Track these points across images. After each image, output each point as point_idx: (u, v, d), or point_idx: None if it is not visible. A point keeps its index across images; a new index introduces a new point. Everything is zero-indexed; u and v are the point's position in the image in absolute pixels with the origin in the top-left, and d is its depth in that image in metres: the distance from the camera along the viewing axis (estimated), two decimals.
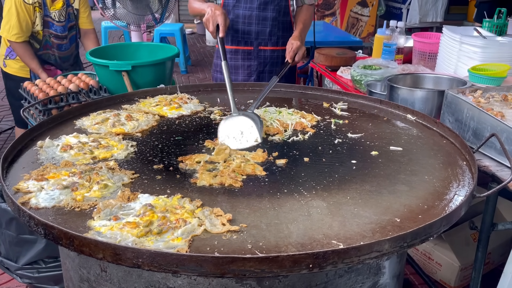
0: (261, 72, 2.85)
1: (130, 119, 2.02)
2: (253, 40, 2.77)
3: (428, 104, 2.28)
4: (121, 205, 1.31)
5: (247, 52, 2.81)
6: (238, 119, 1.81)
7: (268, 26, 2.75)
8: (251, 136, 1.73)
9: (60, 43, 3.67)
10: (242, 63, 2.83)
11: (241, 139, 1.72)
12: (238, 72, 2.85)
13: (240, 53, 2.81)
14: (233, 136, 1.73)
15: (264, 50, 2.81)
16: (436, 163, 1.65)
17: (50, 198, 1.35)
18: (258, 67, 2.83)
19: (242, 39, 2.77)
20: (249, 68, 2.84)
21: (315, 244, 1.15)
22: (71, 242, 1.12)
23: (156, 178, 1.52)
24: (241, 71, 2.85)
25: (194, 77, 7.41)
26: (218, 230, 1.19)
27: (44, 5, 3.40)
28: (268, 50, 2.81)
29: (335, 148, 1.80)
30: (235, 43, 2.79)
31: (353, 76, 2.99)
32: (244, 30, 2.75)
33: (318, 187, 1.47)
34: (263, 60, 2.82)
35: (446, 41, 2.96)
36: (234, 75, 2.85)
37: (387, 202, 1.38)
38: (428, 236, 1.18)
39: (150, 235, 1.16)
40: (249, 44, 2.78)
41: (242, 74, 2.85)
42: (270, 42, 2.81)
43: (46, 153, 1.69)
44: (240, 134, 1.73)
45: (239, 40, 2.78)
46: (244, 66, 2.84)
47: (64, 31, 3.64)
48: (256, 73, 2.84)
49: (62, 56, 3.76)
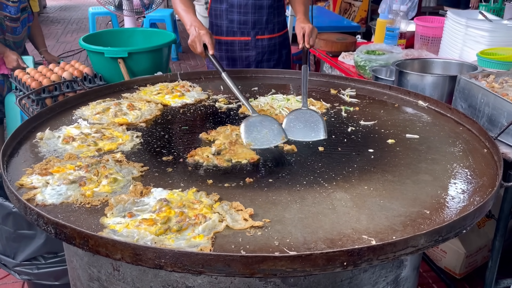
0: (259, 62, 2.74)
1: (132, 108, 1.93)
2: (250, 30, 2.65)
3: (439, 90, 2.23)
4: (134, 201, 1.23)
5: (244, 43, 2.69)
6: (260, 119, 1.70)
7: (265, 14, 2.63)
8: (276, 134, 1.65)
9: (15, 26, 3.36)
10: (240, 54, 2.71)
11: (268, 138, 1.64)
12: (236, 64, 2.73)
13: (236, 45, 2.68)
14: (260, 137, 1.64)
15: (261, 40, 2.69)
16: (456, 151, 1.59)
17: (57, 194, 1.26)
18: (256, 57, 2.72)
19: (238, 29, 2.64)
20: (247, 59, 2.72)
21: (345, 240, 1.09)
22: (85, 242, 1.04)
23: (167, 171, 1.44)
24: (239, 62, 2.73)
25: (185, 64, 7.26)
26: (241, 226, 1.12)
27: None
28: (266, 38, 2.70)
29: (349, 137, 1.73)
30: (231, 34, 2.66)
31: (357, 61, 2.92)
32: (240, 20, 2.63)
33: (338, 178, 1.41)
34: (261, 49, 2.71)
35: (450, 25, 2.90)
36: (231, 67, 2.73)
37: (412, 193, 1.32)
38: (463, 229, 1.13)
39: (169, 233, 1.09)
40: (246, 34, 2.66)
41: (240, 66, 2.73)
42: (267, 30, 2.69)
43: (47, 145, 1.59)
44: (266, 134, 1.65)
45: (235, 31, 2.65)
46: (242, 58, 2.72)
47: (17, 12, 3.33)
48: (255, 63, 2.73)
49: (16, 41, 3.45)
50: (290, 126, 1.74)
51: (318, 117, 1.76)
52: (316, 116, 1.77)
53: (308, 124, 1.74)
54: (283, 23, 2.71)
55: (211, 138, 1.69)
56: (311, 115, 1.78)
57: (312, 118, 1.76)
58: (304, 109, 1.82)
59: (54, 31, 9.72)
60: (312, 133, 1.72)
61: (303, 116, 1.77)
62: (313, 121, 1.75)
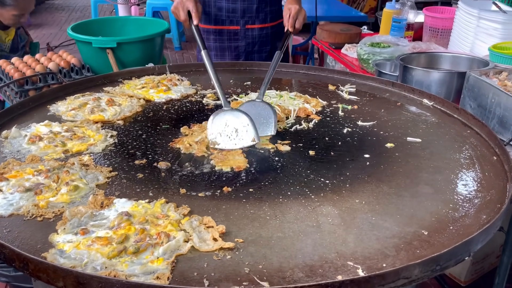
0: (249, 53, 2.57)
1: (111, 104, 1.79)
2: (239, 18, 2.47)
3: (446, 87, 2.05)
4: (92, 214, 1.09)
5: (233, 32, 2.51)
6: (231, 115, 1.54)
7: (255, 2, 2.44)
8: (247, 135, 1.50)
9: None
10: (229, 44, 2.53)
11: (236, 138, 1.49)
12: (225, 55, 2.56)
13: (225, 34, 2.51)
14: (226, 135, 1.50)
15: (251, 29, 2.51)
16: (462, 158, 1.43)
17: (8, 204, 1.13)
18: (246, 48, 2.54)
19: (227, 18, 2.47)
20: (237, 50, 2.55)
21: (327, 267, 0.94)
22: (25, 265, 0.90)
23: (137, 177, 1.30)
24: (227, 53, 2.56)
25: (188, 53, 7.09)
26: (209, 248, 0.98)
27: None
28: (256, 28, 2.52)
29: (345, 139, 1.57)
30: (219, 23, 2.49)
31: (360, 54, 2.74)
32: (228, 8, 2.45)
33: (327, 188, 1.26)
34: (251, 40, 2.53)
35: (461, 16, 2.70)
36: (220, 58, 2.56)
37: (410, 209, 1.16)
38: (465, 256, 0.97)
39: (124, 255, 0.95)
40: (234, 23, 2.48)
41: (229, 57, 2.56)
42: (257, 19, 2.51)
43: (11, 145, 1.46)
44: (235, 132, 1.50)
45: (223, 20, 2.47)
46: (231, 48, 2.55)
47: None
48: (245, 54, 2.56)
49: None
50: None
51: (270, 111, 1.62)
52: (268, 110, 1.63)
53: (258, 117, 1.59)
54: (277, 12, 2.53)
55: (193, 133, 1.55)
56: (263, 108, 1.64)
57: (264, 111, 1.62)
58: (258, 101, 1.67)
59: (58, 18, 9.60)
60: (261, 127, 1.57)
61: (254, 109, 1.63)
62: (264, 115, 1.61)
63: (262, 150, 1.48)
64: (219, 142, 1.48)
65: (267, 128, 1.59)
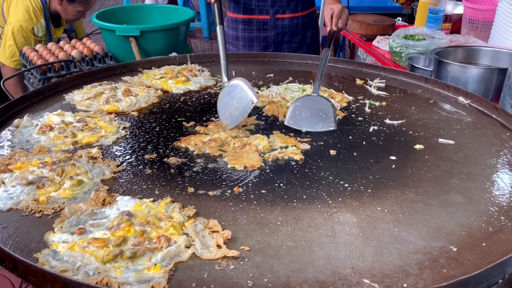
0: (279, 43, 2.47)
1: (128, 94, 1.73)
2: (269, 7, 2.37)
3: (485, 85, 1.90)
4: (93, 211, 1.03)
5: (262, 22, 2.42)
6: (229, 89, 1.52)
7: None
8: (245, 101, 1.45)
9: None
10: (257, 34, 2.44)
11: (239, 111, 1.45)
12: (253, 45, 2.47)
13: (254, 24, 2.42)
14: (231, 113, 1.47)
15: (282, 19, 2.41)
16: (499, 164, 1.30)
17: (8, 198, 1.08)
18: (275, 38, 2.44)
19: (256, 7, 2.37)
20: (266, 40, 2.45)
21: (340, 284, 0.84)
22: (15, 267, 0.84)
23: (145, 173, 1.23)
24: (256, 43, 2.47)
25: (217, 43, 7.04)
26: (211, 256, 0.90)
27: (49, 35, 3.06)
28: (287, 18, 2.41)
29: (370, 138, 1.46)
30: (248, 12, 2.40)
31: (392, 47, 2.59)
32: None
33: (346, 192, 1.15)
34: (281, 30, 2.43)
35: (504, 8, 2.50)
36: (248, 48, 2.48)
37: (438, 220, 1.05)
38: (499, 278, 0.86)
39: (120, 260, 0.88)
40: (264, 12, 2.39)
41: (258, 47, 2.47)
42: (288, 9, 2.40)
43: (21, 134, 1.42)
44: (236, 105, 1.45)
45: (252, 9, 2.38)
46: (260, 38, 2.45)
47: None
48: (274, 45, 2.46)
49: None
50: (296, 114, 1.53)
51: (328, 105, 1.54)
52: (326, 104, 1.54)
53: (316, 112, 1.52)
54: (308, 1, 2.42)
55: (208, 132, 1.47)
56: (321, 102, 1.55)
57: (323, 106, 1.54)
58: (314, 95, 1.58)
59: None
60: (320, 122, 1.50)
61: (311, 103, 1.55)
62: (323, 110, 1.53)
63: (279, 147, 1.39)
64: (228, 123, 1.46)
65: (327, 123, 1.51)
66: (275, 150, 1.37)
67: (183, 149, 1.37)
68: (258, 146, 1.38)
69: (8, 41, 2.85)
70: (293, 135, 1.46)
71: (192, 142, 1.39)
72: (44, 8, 2.92)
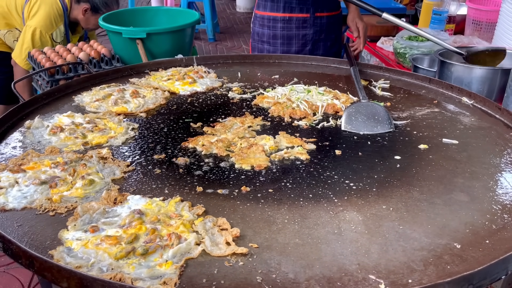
0: (316, 41, 2.52)
1: (136, 95, 1.76)
2: (310, 6, 2.43)
3: (488, 85, 1.91)
4: (105, 210, 1.05)
5: (302, 20, 2.47)
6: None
7: None
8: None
9: None
10: (297, 32, 2.49)
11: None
12: (292, 43, 2.52)
13: (294, 22, 2.47)
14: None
15: (321, 17, 2.47)
16: (503, 163, 1.32)
17: (22, 197, 1.11)
18: (313, 36, 2.49)
19: (296, 5, 2.42)
20: (304, 38, 2.50)
21: (347, 280, 0.86)
22: (31, 263, 0.87)
23: (155, 172, 1.26)
24: (294, 41, 2.51)
25: (222, 45, 7.06)
26: (221, 253, 0.92)
27: (67, 42, 3.09)
28: (325, 16, 2.48)
29: (374, 139, 1.48)
30: (288, 10, 2.46)
31: (396, 48, 2.61)
32: None
33: (352, 191, 1.18)
34: (319, 27, 2.49)
35: (508, 8, 2.52)
36: (287, 46, 2.53)
37: (442, 218, 1.07)
38: (502, 274, 0.87)
39: (132, 257, 0.91)
40: (304, 11, 2.44)
41: (296, 45, 2.52)
42: (327, 7, 2.47)
43: (32, 135, 1.45)
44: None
45: (293, 7, 2.44)
46: (299, 36, 2.50)
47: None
48: (312, 42, 2.52)
49: None
50: (352, 119, 1.57)
51: (381, 108, 1.60)
52: (378, 107, 1.60)
53: (372, 117, 1.57)
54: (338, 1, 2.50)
55: (216, 133, 1.49)
56: (372, 107, 1.61)
57: (375, 109, 1.59)
58: (365, 102, 1.64)
59: None
60: (378, 125, 1.54)
61: (364, 109, 1.60)
62: (377, 113, 1.58)
63: (286, 148, 1.41)
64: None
65: (385, 125, 1.54)
66: (281, 150, 1.39)
67: (191, 149, 1.40)
68: (264, 146, 1.40)
69: (25, 43, 2.88)
70: (299, 136, 1.49)
71: (199, 142, 1.41)
72: (65, 15, 2.95)
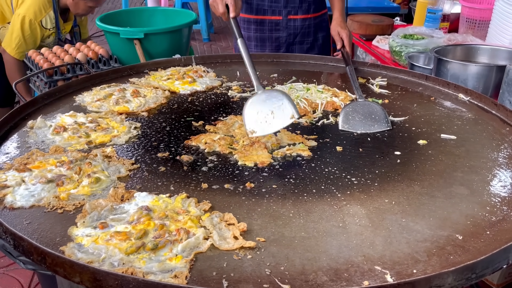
0: (290, 44, 2.51)
1: (136, 95, 1.77)
2: (282, 8, 2.42)
3: (484, 82, 1.95)
4: (112, 207, 1.07)
5: (274, 23, 2.46)
6: (265, 97, 1.44)
7: None
8: (284, 114, 1.40)
9: None
10: (269, 35, 2.48)
11: (273, 121, 1.40)
12: (265, 45, 2.51)
13: (266, 24, 2.46)
14: (262, 120, 1.40)
15: (294, 20, 2.45)
16: (500, 157, 1.35)
17: (29, 195, 1.12)
18: (287, 39, 2.48)
19: (269, 8, 2.41)
20: (278, 41, 2.49)
21: (353, 271, 0.89)
22: (43, 259, 0.89)
23: (159, 170, 1.27)
24: (268, 43, 2.51)
25: (216, 45, 7.07)
26: (229, 247, 0.94)
27: (58, 29, 3.08)
28: (299, 19, 2.46)
29: (374, 135, 1.51)
30: (261, 13, 2.44)
31: (392, 46, 2.65)
32: None
33: (354, 186, 1.20)
34: (293, 30, 2.47)
35: (501, 7, 2.56)
36: (260, 48, 2.52)
37: (443, 210, 1.09)
38: (503, 263, 0.90)
39: (142, 251, 0.92)
40: (277, 13, 2.43)
41: (270, 47, 2.51)
42: (300, 10, 2.45)
43: (36, 135, 1.46)
44: (271, 114, 1.41)
45: (265, 9, 2.42)
46: (272, 38, 2.49)
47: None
48: (286, 45, 2.50)
49: None
50: (349, 119, 1.58)
51: (378, 107, 1.61)
52: (375, 107, 1.62)
53: (369, 116, 1.58)
54: (321, 3, 2.47)
55: (218, 131, 1.51)
56: (369, 106, 1.62)
57: (372, 109, 1.61)
58: (362, 101, 1.66)
59: None
60: (375, 124, 1.55)
61: (361, 108, 1.61)
62: (374, 112, 1.59)
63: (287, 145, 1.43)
64: (256, 130, 1.38)
65: (381, 124, 1.55)
66: (283, 147, 1.41)
67: (194, 147, 1.41)
68: (266, 144, 1.42)
69: (15, 32, 2.86)
70: (300, 133, 1.51)
71: (202, 140, 1.43)
72: (54, 1, 2.94)
